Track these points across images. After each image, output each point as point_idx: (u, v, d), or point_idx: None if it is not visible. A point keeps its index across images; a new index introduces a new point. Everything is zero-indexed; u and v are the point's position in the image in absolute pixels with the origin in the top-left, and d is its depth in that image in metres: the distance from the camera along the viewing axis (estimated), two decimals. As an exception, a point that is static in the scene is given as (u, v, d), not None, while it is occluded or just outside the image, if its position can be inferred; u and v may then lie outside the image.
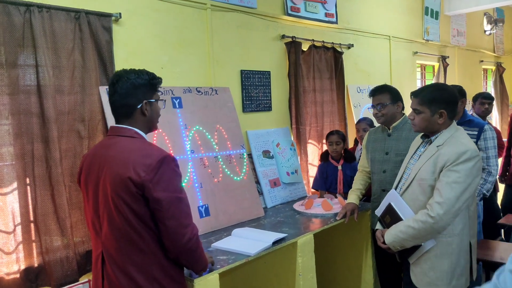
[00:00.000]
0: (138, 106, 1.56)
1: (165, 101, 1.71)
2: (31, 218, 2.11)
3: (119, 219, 1.46)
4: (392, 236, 1.99)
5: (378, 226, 2.20)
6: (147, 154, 1.47)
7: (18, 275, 2.06)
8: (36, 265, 2.12)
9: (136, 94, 1.55)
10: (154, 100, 1.61)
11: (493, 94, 6.98)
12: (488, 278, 2.75)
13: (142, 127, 1.60)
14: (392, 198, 2.07)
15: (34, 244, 2.11)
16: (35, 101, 2.12)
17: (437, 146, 1.96)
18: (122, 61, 2.49)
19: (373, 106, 2.56)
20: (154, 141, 2.45)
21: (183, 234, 1.47)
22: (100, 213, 1.52)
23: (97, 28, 2.34)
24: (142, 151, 1.48)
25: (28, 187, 2.12)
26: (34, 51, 2.10)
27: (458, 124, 2.88)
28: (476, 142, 2.83)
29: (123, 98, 1.54)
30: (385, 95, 2.54)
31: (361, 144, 3.14)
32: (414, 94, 2.04)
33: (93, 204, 1.56)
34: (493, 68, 7.36)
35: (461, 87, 3.12)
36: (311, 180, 3.56)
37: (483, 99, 3.86)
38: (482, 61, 7.05)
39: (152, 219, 1.47)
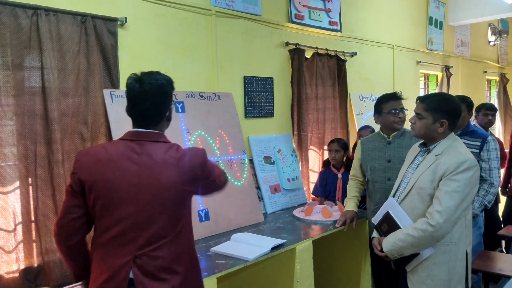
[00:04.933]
0: (167, 114, 1.58)
1: (173, 101, 1.74)
2: (32, 218, 2.13)
3: (169, 220, 1.52)
4: (390, 244, 1.99)
5: (375, 234, 2.20)
6: (193, 154, 1.56)
7: (17, 275, 2.08)
8: (35, 265, 2.14)
9: (167, 102, 1.56)
10: (172, 105, 1.64)
11: (496, 105, 6.98)
12: (487, 289, 2.74)
13: (163, 130, 1.62)
14: (390, 206, 2.07)
15: (34, 244, 2.13)
16: (39, 103, 2.15)
17: (436, 155, 1.97)
18: (127, 65, 2.52)
19: (394, 110, 2.53)
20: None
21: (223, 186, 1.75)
22: (145, 218, 1.48)
23: (103, 32, 2.37)
24: (188, 153, 1.56)
25: (30, 187, 2.14)
26: (40, 53, 2.13)
27: (461, 134, 2.89)
28: (478, 153, 2.81)
29: (156, 107, 1.52)
30: (402, 102, 2.57)
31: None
32: (421, 99, 2.06)
33: (135, 210, 1.48)
34: (497, 79, 7.36)
35: (471, 99, 3.06)
36: (312, 187, 3.57)
37: (487, 110, 3.80)
38: (486, 71, 7.05)
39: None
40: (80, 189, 1.50)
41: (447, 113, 1.98)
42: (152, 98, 1.50)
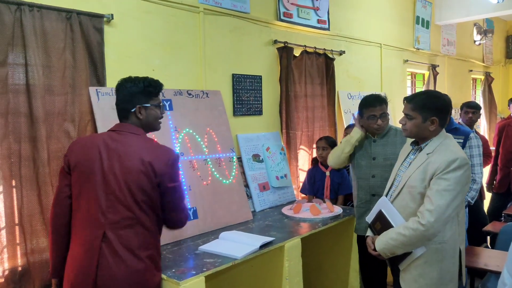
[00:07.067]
0: (132, 110, 1.81)
1: (162, 106, 1.93)
2: (16, 221, 2.09)
3: (133, 203, 1.70)
4: (382, 243, 1.98)
5: (369, 232, 2.19)
6: (164, 151, 1.80)
7: (2, 280, 2.03)
8: (20, 266, 2.10)
9: (131, 100, 1.80)
10: (149, 105, 1.83)
11: (481, 103, 7.09)
12: (472, 285, 2.78)
13: (140, 127, 1.83)
14: (383, 205, 2.07)
15: (18, 246, 2.09)
16: (24, 101, 2.11)
17: (427, 154, 1.96)
18: (113, 62, 2.49)
19: (373, 116, 2.53)
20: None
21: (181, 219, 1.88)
22: (112, 198, 1.70)
23: (89, 29, 2.34)
24: (160, 148, 1.81)
25: (14, 189, 2.10)
26: (24, 50, 2.09)
27: None
28: None
29: (121, 103, 1.83)
30: (385, 106, 2.57)
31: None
32: (407, 100, 2.05)
33: (104, 189, 1.70)
34: (482, 77, 7.47)
35: (447, 95, 3.11)
36: (301, 185, 3.57)
37: (467, 108, 3.83)
38: (471, 70, 7.15)
39: (158, 203, 1.78)
40: (68, 170, 1.77)
41: (435, 110, 1.97)
42: (118, 95, 1.83)
